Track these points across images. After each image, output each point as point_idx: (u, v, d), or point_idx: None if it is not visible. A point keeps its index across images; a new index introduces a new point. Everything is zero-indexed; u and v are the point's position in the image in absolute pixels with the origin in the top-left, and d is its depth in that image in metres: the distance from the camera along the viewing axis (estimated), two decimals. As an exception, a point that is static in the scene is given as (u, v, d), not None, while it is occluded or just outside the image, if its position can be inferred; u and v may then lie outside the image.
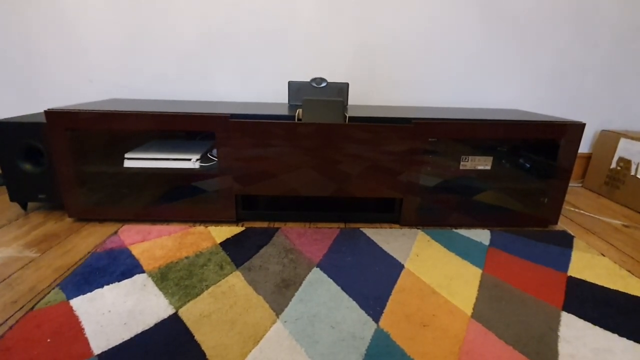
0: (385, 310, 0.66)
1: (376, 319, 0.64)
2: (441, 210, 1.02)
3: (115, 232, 0.92)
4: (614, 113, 1.39)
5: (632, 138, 1.23)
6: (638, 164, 1.20)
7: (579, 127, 0.96)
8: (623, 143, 1.26)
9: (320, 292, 0.71)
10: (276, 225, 0.99)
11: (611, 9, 1.27)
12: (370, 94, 1.32)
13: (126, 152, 1.00)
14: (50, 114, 0.88)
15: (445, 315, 0.66)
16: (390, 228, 1.00)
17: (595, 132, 1.42)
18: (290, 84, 1.10)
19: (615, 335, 0.63)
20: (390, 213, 1.02)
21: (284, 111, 1.00)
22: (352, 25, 1.24)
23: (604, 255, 0.89)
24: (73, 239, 0.89)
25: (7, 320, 0.62)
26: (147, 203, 1.01)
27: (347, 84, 1.09)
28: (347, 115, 0.94)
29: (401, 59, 1.29)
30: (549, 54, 1.31)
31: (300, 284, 0.73)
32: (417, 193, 0.98)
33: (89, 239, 0.90)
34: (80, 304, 0.65)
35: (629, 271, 0.83)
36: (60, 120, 0.89)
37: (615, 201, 1.28)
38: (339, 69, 1.29)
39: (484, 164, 1.02)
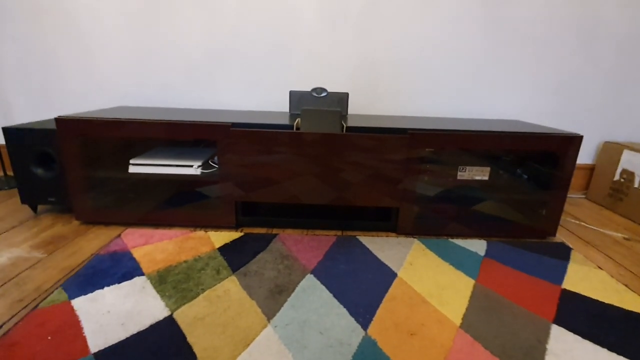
0: (374, 318, 0.67)
1: (365, 327, 0.65)
2: (438, 220, 1.02)
3: (119, 235, 0.95)
4: (617, 124, 1.38)
5: (636, 150, 1.21)
6: (642, 176, 1.18)
7: (577, 140, 0.96)
8: (627, 155, 1.25)
9: (312, 298, 0.72)
10: (274, 231, 1.02)
11: (614, 21, 1.27)
12: (371, 104, 1.34)
13: (132, 157, 1.03)
14: (60, 121, 0.93)
15: (433, 325, 0.66)
16: (387, 237, 1.01)
17: (599, 144, 1.40)
18: (292, 93, 1.13)
19: (605, 350, 0.63)
20: (387, 222, 1.03)
21: (285, 120, 1.03)
22: (354, 37, 1.27)
23: (601, 269, 0.89)
24: (79, 241, 0.93)
25: (12, 317, 0.65)
26: (151, 207, 1.04)
27: (347, 94, 1.11)
28: (345, 125, 0.96)
29: (402, 70, 1.31)
30: (552, 66, 1.31)
31: (293, 290, 0.75)
32: (413, 202, 0.99)
33: (94, 242, 0.93)
34: (82, 304, 0.68)
35: (625, 285, 0.83)
36: (70, 127, 0.93)
37: (619, 213, 1.27)
38: (340, 79, 1.31)
39: (481, 174, 1.02)
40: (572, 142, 0.96)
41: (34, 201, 1.05)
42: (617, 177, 1.28)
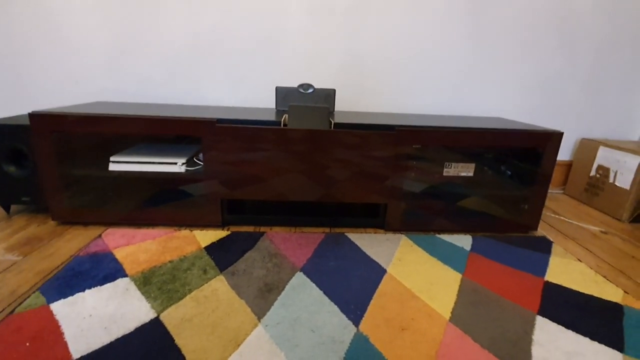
0: (365, 314, 0.67)
1: (356, 323, 0.65)
2: (425, 216, 1.03)
3: (99, 236, 0.92)
4: (594, 122, 1.44)
5: (611, 146, 1.26)
6: (616, 172, 1.23)
7: (558, 136, 0.99)
8: (602, 151, 1.30)
9: (302, 296, 0.72)
10: (262, 229, 1.00)
11: (592, 22, 1.31)
12: (358, 100, 1.34)
13: (112, 155, 0.99)
14: (34, 116, 0.88)
15: (424, 319, 0.67)
16: (375, 233, 1.01)
17: (576, 140, 1.45)
18: (278, 89, 1.11)
19: (587, 339, 0.65)
20: (375, 218, 1.04)
21: (271, 116, 1.01)
22: (341, 33, 1.26)
23: (580, 261, 0.92)
24: (56, 243, 0.89)
25: (-15, 324, 0.61)
26: (133, 206, 1.00)
27: (334, 90, 1.10)
28: (333, 122, 0.95)
29: (388, 67, 1.31)
30: (532, 66, 1.35)
31: (283, 289, 0.74)
32: (401, 199, 1.00)
33: (73, 243, 0.89)
34: (61, 308, 0.65)
35: (604, 277, 0.86)
36: (45, 123, 0.89)
37: (595, 208, 1.32)
38: (327, 76, 1.30)
39: (466, 170, 1.04)
40: (553, 138, 0.99)
41: (6, 201, 1.00)
42: (593, 172, 1.33)
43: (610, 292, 0.79)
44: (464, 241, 0.99)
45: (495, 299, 0.74)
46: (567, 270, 0.87)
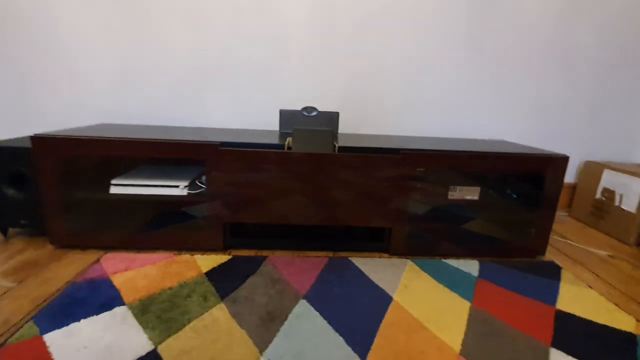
0: (372, 347, 0.65)
1: (363, 356, 0.62)
2: (430, 240, 1.01)
3: (98, 260, 0.89)
4: (596, 145, 1.44)
5: (616, 169, 1.26)
6: (622, 195, 1.22)
7: (564, 160, 0.98)
8: (607, 174, 1.29)
9: (306, 326, 0.69)
10: (264, 253, 0.98)
11: (591, 46, 1.33)
12: (361, 123, 1.35)
13: (114, 177, 0.98)
14: (36, 139, 0.88)
15: (433, 352, 0.64)
16: (380, 257, 0.99)
17: (580, 163, 1.45)
18: (282, 112, 1.11)
19: (604, 374, 0.62)
20: (379, 242, 1.02)
21: (275, 139, 1.01)
22: (344, 57, 1.28)
23: (591, 287, 0.90)
24: (53, 268, 0.87)
25: (-25, 357, 0.59)
26: (133, 230, 0.99)
27: (338, 113, 1.11)
28: (337, 145, 0.95)
29: (391, 91, 1.32)
30: (534, 89, 1.36)
31: (285, 318, 0.71)
32: (405, 223, 0.98)
33: (70, 268, 0.87)
34: (55, 339, 0.62)
35: (615, 304, 0.83)
36: (47, 146, 0.88)
37: (601, 231, 1.30)
38: (330, 98, 1.31)
39: (471, 194, 1.03)
40: (559, 162, 0.98)
41: (4, 224, 0.98)
42: (598, 195, 1.32)
43: (623, 321, 0.77)
44: (470, 266, 0.96)
45: (506, 330, 0.71)
46: (578, 297, 0.85)
